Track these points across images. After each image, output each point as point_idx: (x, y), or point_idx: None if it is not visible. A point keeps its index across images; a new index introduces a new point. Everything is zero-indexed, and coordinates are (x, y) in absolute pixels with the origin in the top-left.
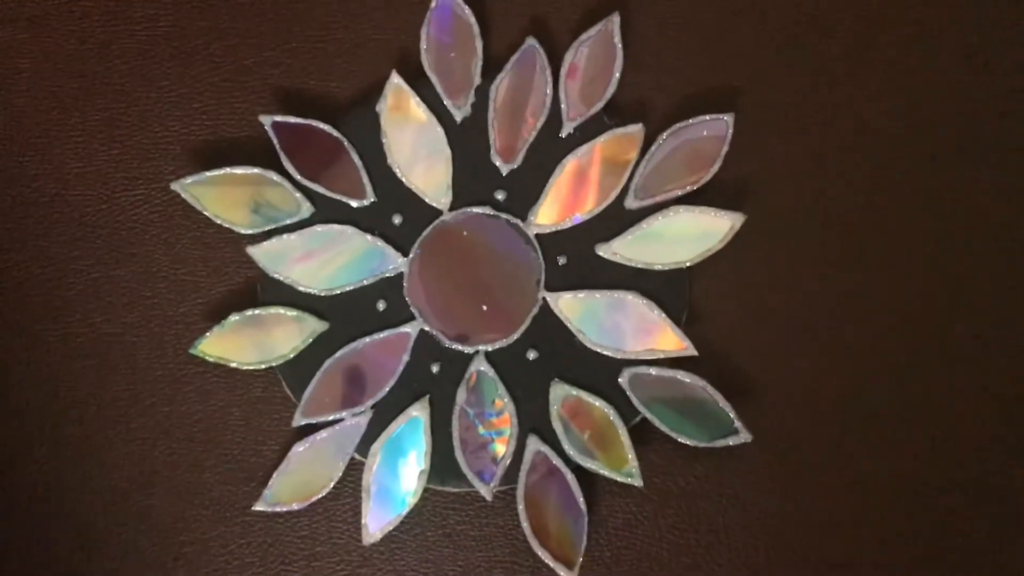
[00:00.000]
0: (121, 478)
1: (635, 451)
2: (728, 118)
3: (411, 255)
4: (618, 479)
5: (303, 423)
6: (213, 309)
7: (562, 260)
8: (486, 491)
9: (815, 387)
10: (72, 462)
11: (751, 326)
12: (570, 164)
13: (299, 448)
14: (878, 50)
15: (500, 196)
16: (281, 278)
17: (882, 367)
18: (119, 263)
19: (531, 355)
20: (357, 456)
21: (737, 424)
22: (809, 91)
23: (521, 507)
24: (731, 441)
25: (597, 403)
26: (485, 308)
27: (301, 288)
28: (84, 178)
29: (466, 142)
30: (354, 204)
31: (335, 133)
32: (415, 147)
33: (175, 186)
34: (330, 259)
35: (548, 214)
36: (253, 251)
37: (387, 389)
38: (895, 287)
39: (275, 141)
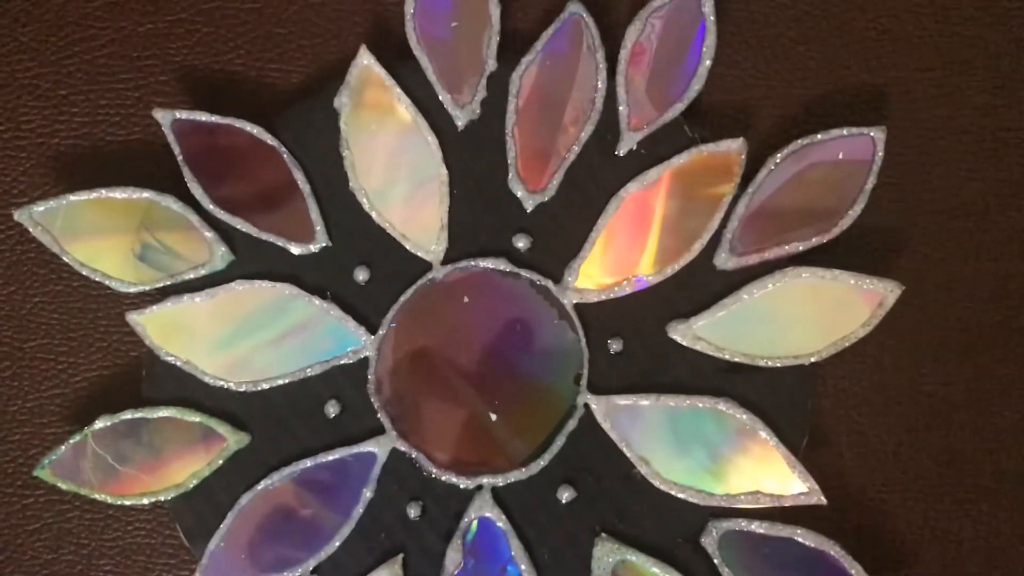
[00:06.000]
0: None
1: None
2: (877, 133)
3: (382, 331)
4: None
5: None
6: (75, 407)
7: (616, 346)
8: None
9: (1001, 549)
10: None
11: (906, 454)
12: (631, 198)
13: None
14: None
15: (522, 244)
16: (178, 363)
17: None
18: None
19: (565, 495)
20: None
21: None
22: (984, 99)
23: None
24: None
25: None
26: (494, 417)
27: (208, 379)
28: None
29: (472, 159)
30: (295, 250)
31: (270, 140)
32: (393, 165)
33: (20, 215)
34: (256, 335)
35: (595, 274)
36: (137, 319)
37: (337, 543)
38: None
39: (176, 149)
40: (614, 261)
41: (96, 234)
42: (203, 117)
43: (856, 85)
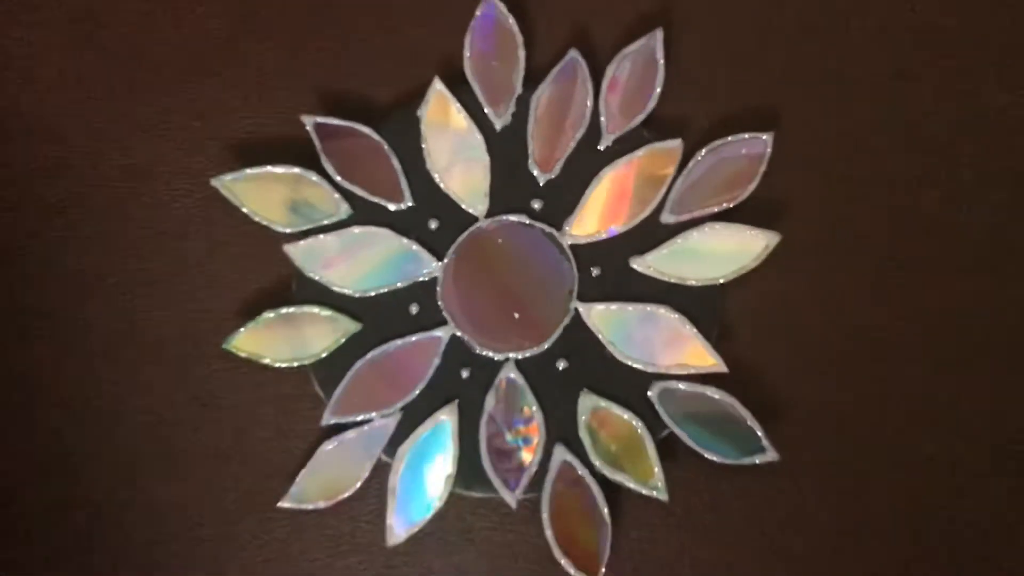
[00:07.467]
0: (150, 468)
1: (662, 465)
2: (767, 137)
3: (446, 260)
4: (643, 492)
5: (332, 422)
6: (248, 305)
7: (596, 271)
8: (511, 498)
9: (845, 407)
10: (102, 451)
11: (783, 345)
12: (608, 176)
13: (327, 447)
14: (919, 77)
15: (536, 205)
16: (316, 277)
17: (915, 387)
18: (156, 255)
19: (561, 365)
20: (384, 457)
21: (764, 442)
22: (849, 113)
23: (545, 515)
24: (758, 459)
25: (625, 416)
26: (517, 316)
27: (335, 288)
28: (126, 170)
29: (505, 150)
30: (392, 207)
31: (376, 136)
32: (454, 153)
33: (215, 182)
34: (365, 260)
35: (584, 225)
36: (290, 249)
37: (416, 392)
38: (927, 306)
39: (316, 141)
40: (597, 217)
41: (264, 194)
42: (333, 121)
43: (757, 104)
